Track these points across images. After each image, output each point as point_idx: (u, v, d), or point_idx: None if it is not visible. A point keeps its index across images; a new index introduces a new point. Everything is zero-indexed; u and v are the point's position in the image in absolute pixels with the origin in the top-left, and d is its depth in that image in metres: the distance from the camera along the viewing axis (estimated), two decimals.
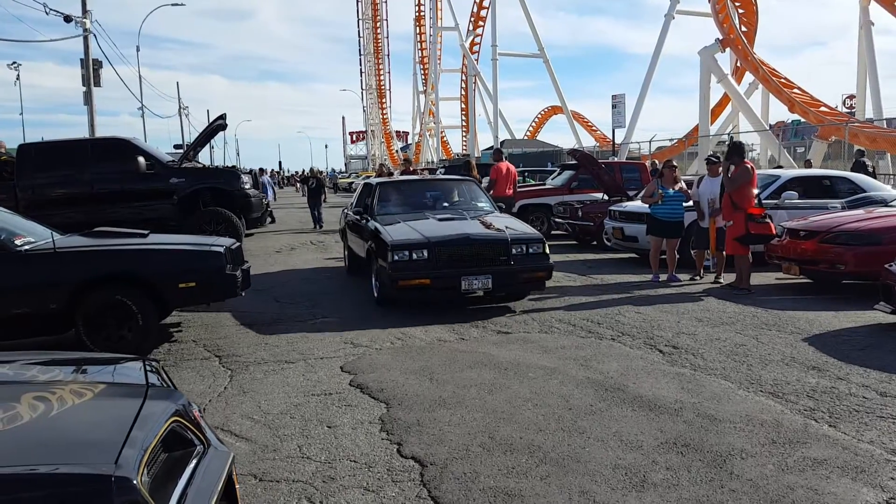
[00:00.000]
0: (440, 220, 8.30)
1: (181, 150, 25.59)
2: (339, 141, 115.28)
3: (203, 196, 13.37)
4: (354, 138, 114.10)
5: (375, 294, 8.27)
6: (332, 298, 8.79)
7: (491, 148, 47.88)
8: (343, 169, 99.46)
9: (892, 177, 20.31)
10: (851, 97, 34.19)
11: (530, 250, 7.84)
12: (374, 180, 10.59)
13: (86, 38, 22.92)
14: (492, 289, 7.76)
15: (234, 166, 20.26)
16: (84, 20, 22.74)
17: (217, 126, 14.47)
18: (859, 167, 15.62)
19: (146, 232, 7.06)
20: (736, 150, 8.92)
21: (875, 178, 14.08)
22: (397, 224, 8.17)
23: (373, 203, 9.19)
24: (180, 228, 11.76)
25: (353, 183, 50.97)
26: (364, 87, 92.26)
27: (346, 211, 11.04)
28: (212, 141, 21.82)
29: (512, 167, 14.03)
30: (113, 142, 13.02)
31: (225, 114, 14.40)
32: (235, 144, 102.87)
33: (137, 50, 40.19)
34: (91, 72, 23.45)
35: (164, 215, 12.54)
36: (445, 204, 9.36)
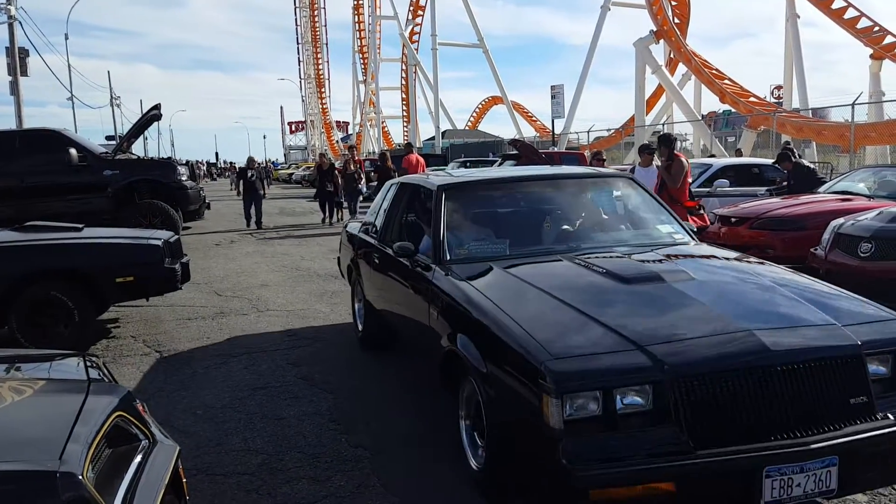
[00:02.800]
0: (626, 280, 3.42)
1: (114, 142, 24.83)
2: (278, 131, 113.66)
3: (138, 188, 13.07)
4: (293, 128, 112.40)
5: (476, 467, 3.39)
6: (276, 291, 8.71)
7: (432, 138, 47.96)
8: (283, 159, 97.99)
9: (817, 164, 21.14)
10: (779, 88, 35.31)
11: None
12: (423, 181, 5.02)
13: (11, 26, 22.08)
14: (836, 489, 2.70)
15: (169, 158, 19.81)
16: (9, 7, 21.89)
17: (151, 116, 14.12)
18: (786, 155, 16.16)
19: (80, 226, 6.87)
20: (665, 143, 8.78)
21: (798, 161, 14.60)
22: (526, 295, 3.43)
23: (437, 231, 4.19)
24: (115, 222, 11.46)
25: (293, 174, 50.34)
26: (303, 77, 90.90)
27: (353, 231, 6.27)
28: (146, 132, 21.24)
29: (421, 158, 15.99)
30: (42, 133, 12.61)
31: (159, 104, 14.08)
32: (170, 135, 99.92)
33: (66, 38, 38.79)
34: (17, 61, 22.61)
35: (98, 208, 12.21)
36: (559, 223, 4.50)
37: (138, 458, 2.33)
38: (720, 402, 2.62)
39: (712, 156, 22.53)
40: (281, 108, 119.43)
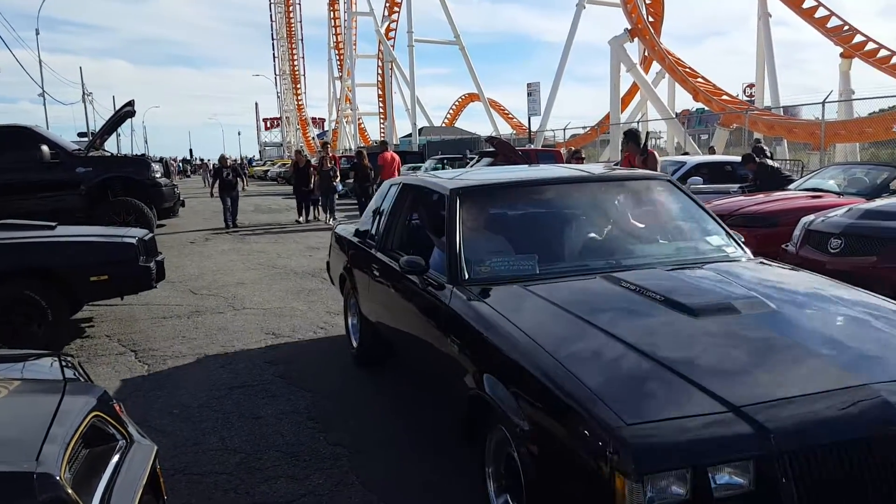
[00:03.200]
0: (692, 311, 2.82)
1: (87, 139, 24.53)
2: (253, 128, 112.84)
3: (112, 186, 12.93)
4: (269, 125, 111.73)
5: None
6: (252, 289, 8.67)
7: (409, 135, 47.90)
8: (258, 156, 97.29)
9: (788, 161, 21.44)
10: (751, 86, 35.73)
11: None
12: (431, 184, 4.32)
13: None
14: None
15: (143, 154, 19.60)
16: None
17: (125, 113, 13.97)
18: (757, 153, 16.40)
19: (53, 224, 6.78)
20: (632, 138, 8.54)
21: (772, 159, 14.82)
22: (573, 330, 2.84)
23: (452, 244, 3.58)
24: (89, 219, 11.33)
25: (268, 171, 49.97)
26: (278, 73, 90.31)
27: (345, 235, 5.68)
28: (119, 129, 21.00)
29: (396, 156, 16.20)
30: (13, 130, 12.39)
31: (133, 100, 13.92)
32: (144, 132, 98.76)
33: (37, 33, 38.27)
34: None
35: (71, 206, 12.07)
36: (592, 234, 3.90)
37: (115, 458, 2.33)
38: (840, 483, 2.10)
39: (686, 153, 22.77)
40: (256, 104, 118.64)
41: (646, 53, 32.93)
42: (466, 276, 3.40)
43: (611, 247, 3.77)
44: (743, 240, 4.00)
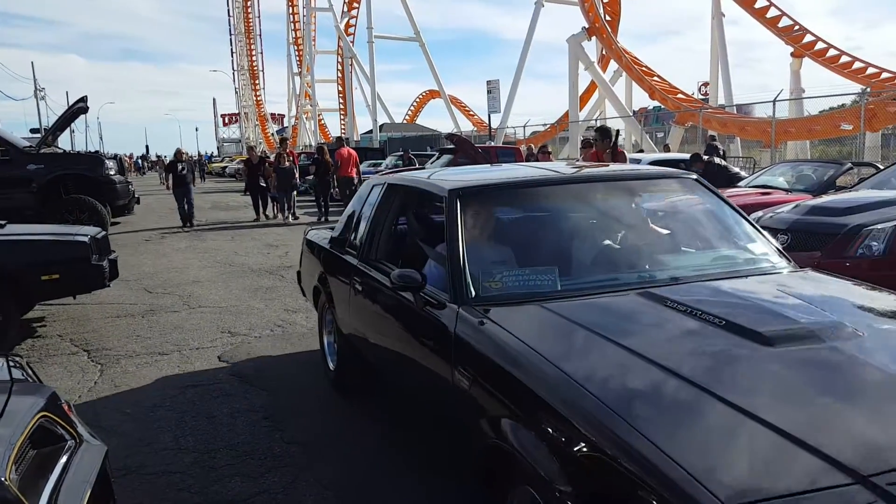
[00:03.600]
0: (766, 340, 2.28)
1: (39, 135, 23.95)
2: (211, 124, 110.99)
3: (64, 183, 12.69)
4: (227, 121, 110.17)
5: None
6: (208, 287, 8.59)
7: (370, 132, 47.71)
8: (216, 152, 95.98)
9: (740, 159, 21.90)
10: (706, 84, 36.41)
11: None
12: (424, 183, 3.77)
13: None
14: None
15: (96, 151, 19.21)
16: None
17: (78, 109, 13.71)
18: (712, 150, 16.75)
19: (3, 222, 6.64)
20: (605, 134, 8.62)
21: (725, 160, 15.16)
22: (618, 364, 2.28)
23: (455, 255, 3.02)
24: (40, 217, 11.12)
25: (226, 167, 49.30)
26: (236, 68, 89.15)
27: (319, 242, 5.12)
28: (72, 125, 20.56)
29: (353, 152, 16.41)
30: None
31: (86, 96, 13.66)
32: (98, 128, 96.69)
33: None
34: None
35: (22, 204, 11.85)
36: (615, 241, 3.43)
37: (64, 459, 2.31)
38: None
39: (641, 151, 23.12)
40: (214, 99, 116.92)
41: (603, 52, 33.34)
42: (473, 294, 2.86)
43: (638, 256, 3.26)
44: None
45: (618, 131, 9.42)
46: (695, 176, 3.74)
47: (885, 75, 24.77)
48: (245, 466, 3.68)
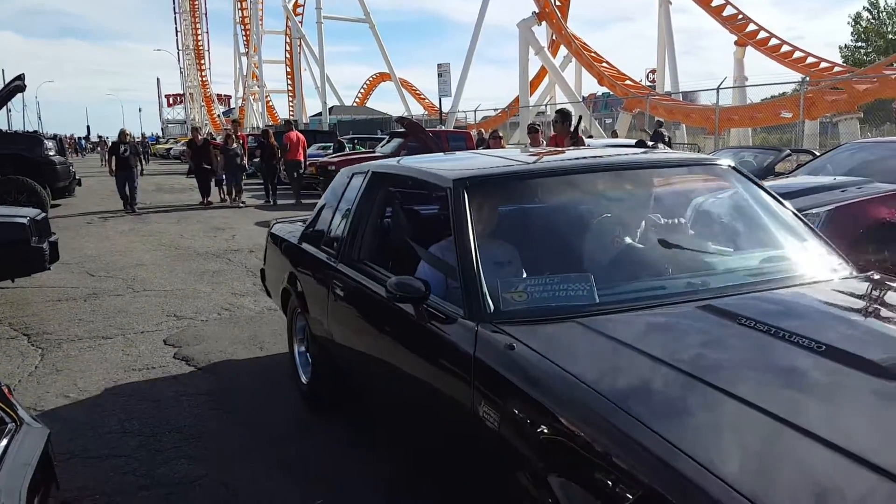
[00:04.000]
0: (892, 375, 1.85)
1: None
2: (155, 104, 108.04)
3: (1, 164, 12.29)
4: (171, 101, 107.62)
5: None
6: (153, 271, 8.43)
7: (319, 114, 47.21)
8: (160, 134, 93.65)
9: (686, 145, 22.38)
10: (653, 71, 37.00)
11: None
12: (418, 172, 3.29)
13: None
14: None
15: (35, 131, 18.61)
16: None
17: (14, 87, 13.13)
18: (658, 137, 17.09)
19: None
20: (566, 118, 8.50)
21: (671, 146, 15.50)
22: (714, 410, 1.76)
23: (467, 259, 2.49)
24: None
25: (171, 149, 48.18)
26: (181, 48, 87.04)
27: (287, 237, 4.59)
28: (9, 104, 19.83)
29: (302, 136, 16.53)
30: None
31: (23, 74, 13.12)
32: (37, 108, 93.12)
33: None
34: None
35: None
36: (650, 242, 2.91)
37: (4, 442, 2.27)
38: None
39: (591, 136, 23.42)
40: (158, 79, 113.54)
41: (553, 37, 33.53)
42: (492, 308, 2.36)
43: (679, 259, 2.76)
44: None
45: (580, 117, 9.45)
46: (731, 163, 3.24)
47: (823, 65, 25.54)
48: (192, 449, 3.66)
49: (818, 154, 9.70)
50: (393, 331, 2.92)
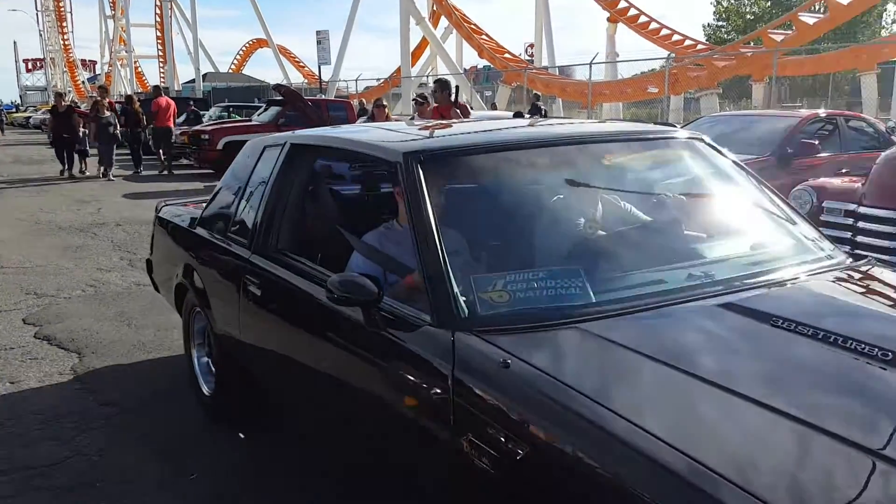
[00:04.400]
0: None
1: None
2: (12, 70, 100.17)
3: None
4: (30, 67, 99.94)
5: None
6: (11, 247, 7.89)
7: (192, 81, 45.22)
8: (19, 102, 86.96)
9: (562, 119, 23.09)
10: (532, 46, 37.77)
11: None
12: (354, 143, 2.83)
13: None
14: None
15: None
16: None
17: None
18: (535, 110, 17.57)
19: None
20: (445, 87, 8.40)
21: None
22: (782, 440, 1.43)
23: (430, 251, 2.03)
24: None
25: (30, 118, 44.84)
26: (40, 8, 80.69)
27: (179, 222, 3.99)
28: None
29: (172, 102, 15.99)
30: None
31: None
32: None
33: None
34: None
35: None
36: (624, 225, 2.54)
37: None
38: None
39: (472, 108, 23.72)
40: (14, 43, 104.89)
41: (434, 7, 33.55)
42: (467, 313, 1.92)
43: (672, 247, 2.42)
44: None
45: (457, 87, 9.48)
46: (702, 136, 2.88)
47: (688, 42, 26.89)
48: (55, 431, 3.52)
49: (679, 127, 10.26)
50: (331, 339, 2.39)
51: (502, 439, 1.61)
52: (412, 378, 1.95)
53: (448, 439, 1.79)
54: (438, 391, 1.83)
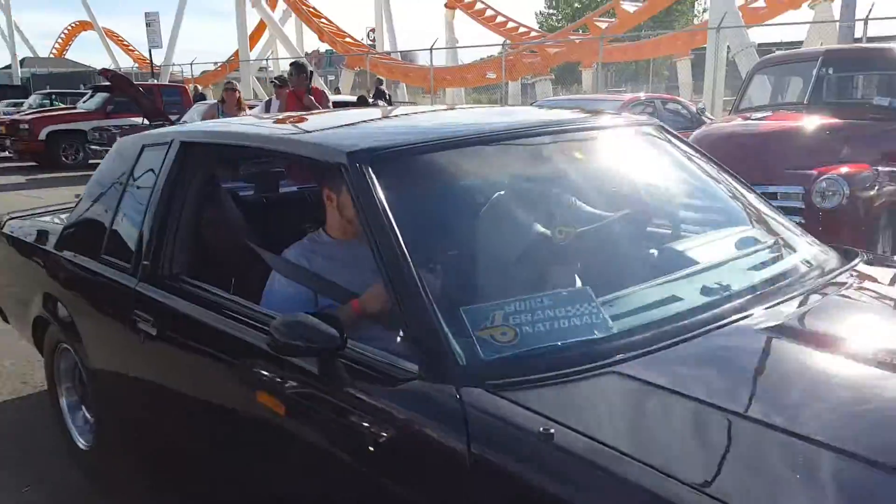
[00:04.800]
0: None
1: None
2: None
3: None
4: None
5: None
6: None
7: (8, 67, 41.59)
8: None
9: (407, 104, 23.43)
10: (373, 30, 37.85)
11: None
12: (276, 141, 2.26)
13: None
14: None
15: None
16: None
17: None
18: (379, 94, 17.75)
19: None
20: (301, 70, 8.18)
21: (391, 104, 16.20)
22: None
23: (404, 280, 1.55)
24: None
25: None
26: None
27: (27, 241, 3.26)
28: None
29: None
30: None
31: None
32: None
33: None
34: None
35: None
36: (605, 231, 2.04)
37: None
38: None
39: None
40: None
41: None
42: (464, 360, 1.47)
43: (664, 253, 2.07)
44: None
45: (312, 71, 9.39)
46: (658, 122, 2.57)
47: (522, 30, 28.01)
48: None
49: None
50: (274, 395, 1.75)
51: None
52: (403, 453, 1.44)
53: None
54: (448, 470, 1.33)
